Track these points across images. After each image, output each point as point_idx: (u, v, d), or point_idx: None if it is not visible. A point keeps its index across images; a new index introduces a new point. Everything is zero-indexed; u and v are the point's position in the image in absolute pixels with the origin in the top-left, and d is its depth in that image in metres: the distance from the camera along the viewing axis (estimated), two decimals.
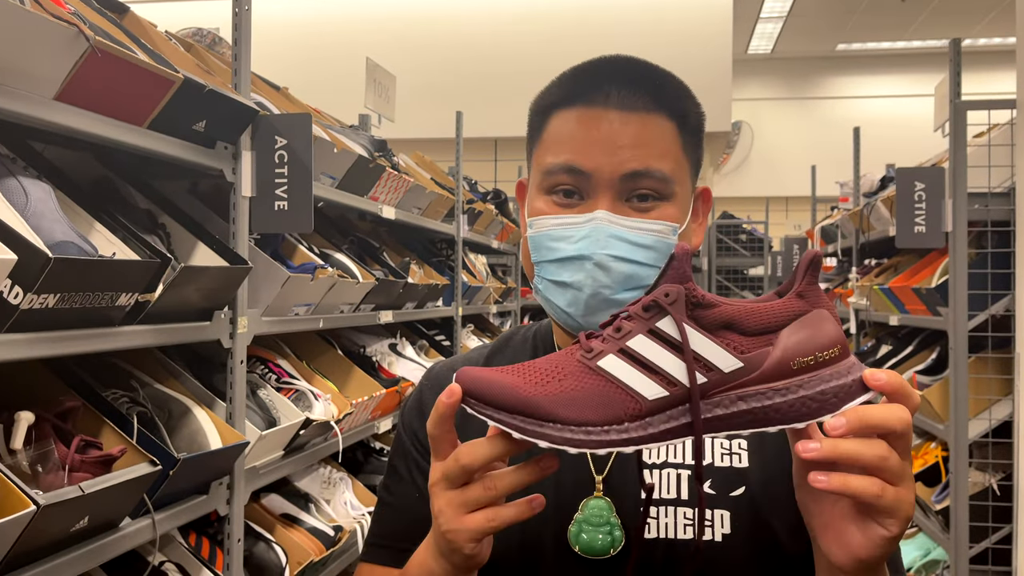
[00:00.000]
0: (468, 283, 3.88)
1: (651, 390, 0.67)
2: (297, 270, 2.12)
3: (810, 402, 0.66)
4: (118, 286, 1.39)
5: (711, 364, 0.67)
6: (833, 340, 0.68)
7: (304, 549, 2.13)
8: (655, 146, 0.87)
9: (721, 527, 0.86)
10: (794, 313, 0.69)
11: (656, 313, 0.68)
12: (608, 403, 0.67)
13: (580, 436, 0.66)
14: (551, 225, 0.88)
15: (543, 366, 0.70)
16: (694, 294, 0.68)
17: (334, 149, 2.26)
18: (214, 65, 2.12)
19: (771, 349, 0.67)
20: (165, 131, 1.59)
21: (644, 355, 0.68)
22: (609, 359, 0.68)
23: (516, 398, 0.67)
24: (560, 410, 0.66)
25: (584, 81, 0.89)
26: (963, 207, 2.79)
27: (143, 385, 1.74)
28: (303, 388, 2.25)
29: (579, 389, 0.68)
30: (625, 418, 0.66)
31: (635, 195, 0.87)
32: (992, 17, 8.90)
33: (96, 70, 1.35)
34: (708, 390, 0.67)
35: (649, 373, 0.67)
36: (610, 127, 0.86)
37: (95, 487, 1.35)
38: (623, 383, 0.67)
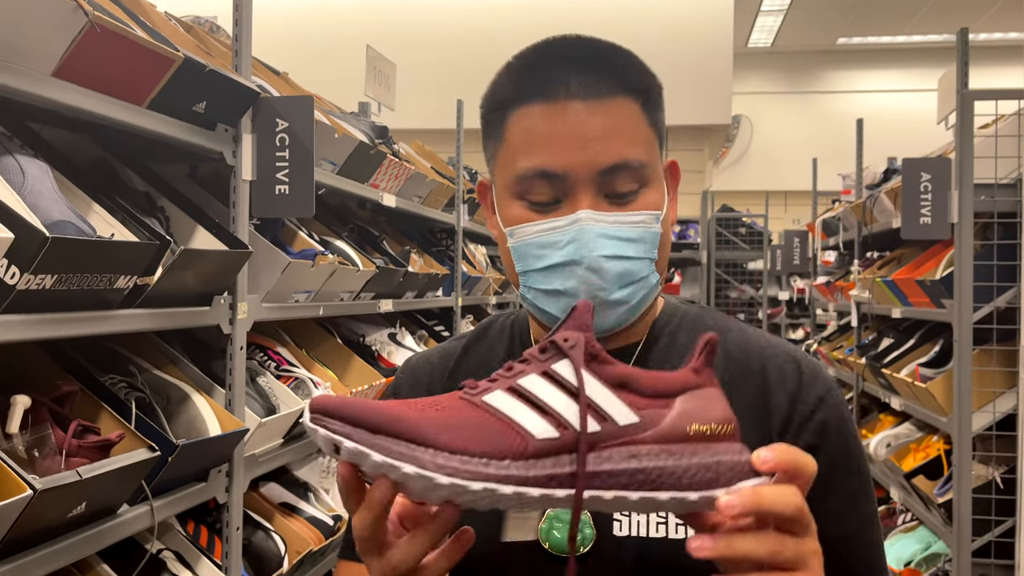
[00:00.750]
0: (468, 273, 3.86)
1: (540, 428, 0.62)
2: (297, 256, 2.09)
3: (705, 471, 0.63)
4: (117, 268, 1.36)
5: (606, 414, 0.63)
6: (728, 417, 0.66)
7: (303, 538, 2.11)
8: (626, 133, 0.83)
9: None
10: (691, 383, 0.67)
11: (553, 355, 0.65)
12: (491, 435, 0.61)
13: (455, 464, 0.59)
14: (534, 232, 0.84)
15: (420, 400, 0.64)
16: (593, 347, 0.65)
17: (335, 134, 2.23)
18: (214, 48, 2.09)
19: (668, 411, 0.65)
20: (165, 111, 1.57)
21: (536, 394, 0.63)
22: (497, 394, 0.64)
23: (382, 415, 0.60)
24: (435, 434, 0.60)
25: (539, 72, 0.84)
26: (969, 198, 2.77)
27: (141, 370, 1.72)
28: (303, 376, 2.23)
29: (460, 418, 0.62)
30: (508, 454, 0.61)
31: (615, 193, 0.83)
32: (993, 12, 8.88)
33: (95, 47, 1.32)
34: (600, 442, 0.63)
35: (539, 412, 0.63)
36: (576, 120, 0.82)
37: (93, 472, 1.32)
38: (509, 418, 0.62)
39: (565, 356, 0.65)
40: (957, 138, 2.82)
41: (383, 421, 0.59)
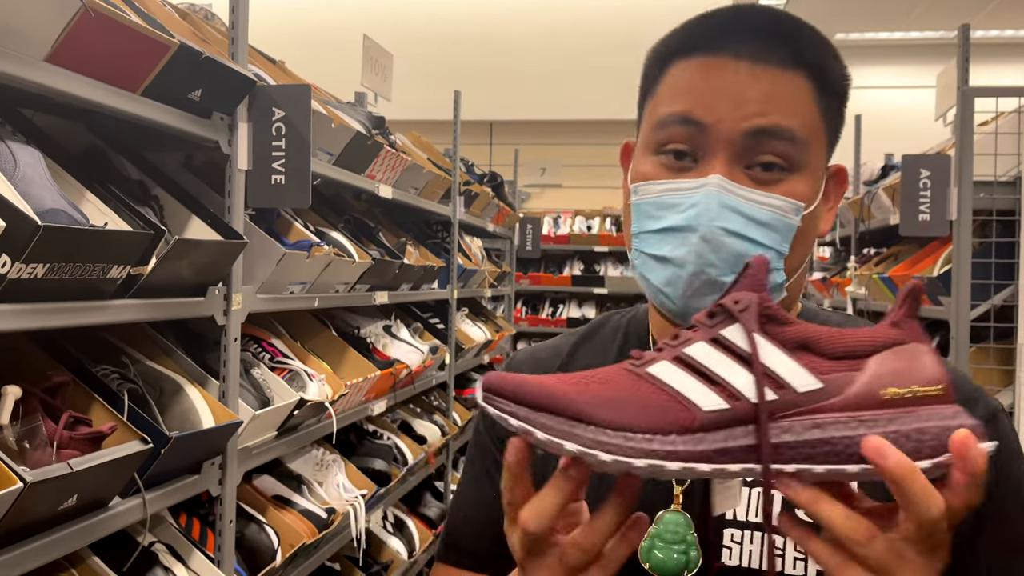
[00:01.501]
0: (464, 266, 3.84)
1: (708, 400, 0.57)
2: (293, 247, 2.07)
3: (904, 440, 0.55)
4: (110, 257, 1.34)
5: (783, 381, 0.57)
6: (936, 377, 0.58)
7: (296, 531, 2.09)
8: (787, 104, 0.75)
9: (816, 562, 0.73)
10: (886, 342, 0.59)
11: (722, 320, 0.60)
12: (654, 410, 0.57)
13: (617, 441, 0.56)
14: (658, 191, 0.77)
15: (580, 373, 0.61)
16: (768, 307, 0.59)
17: (332, 124, 2.21)
18: (210, 35, 2.07)
19: (858, 374, 0.58)
20: (159, 99, 1.54)
21: (704, 363, 0.59)
22: (661, 366, 0.60)
23: (543, 393, 0.58)
24: (596, 410, 0.57)
25: (711, 28, 0.78)
26: (968, 196, 2.76)
27: (134, 361, 1.70)
28: (297, 368, 2.21)
29: (622, 392, 0.58)
30: (674, 429, 0.57)
31: (758, 163, 0.75)
32: (991, 9, 8.87)
33: (89, 32, 1.30)
34: (776, 411, 0.57)
35: (707, 383, 0.58)
36: (736, 78, 0.75)
37: (84, 464, 1.30)
38: (675, 390, 0.58)
39: (736, 320, 0.60)
40: (957, 135, 2.81)
41: (544, 399, 0.58)
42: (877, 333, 0.59)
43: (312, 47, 6.83)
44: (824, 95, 0.78)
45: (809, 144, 0.77)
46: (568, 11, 7.26)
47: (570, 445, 0.56)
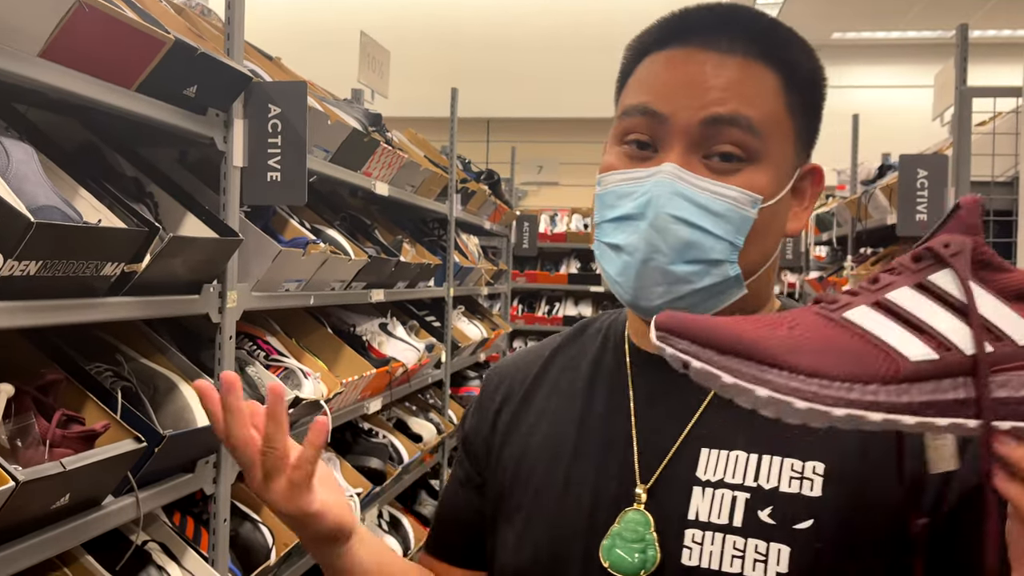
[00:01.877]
0: (460, 264, 3.83)
1: (916, 350, 0.52)
2: (288, 245, 2.06)
3: None
4: (104, 255, 1.33)
5: (1001, 332, 0.52)
6: None
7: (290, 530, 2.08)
8: (748, 93, 0.75)
9: (776, 564, 0.72)
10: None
11: (930, 265, 0.54)
12: (854, 357, 0.52)
13: (813, 388, 0.51)
14: (617, 180, 0.78)
15: (771, 316, 0.56)
16: (984, 251, 0.54)
17: (328, 121, 2.20)
18: (206, 31, 2.05)
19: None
20: (154, 95, 1.53)
21: (909, 310, 0.53)
22: (860, 311, 0.54)
23: (731, 334, 0.53)
24: (789, 355, 0.52)
25: (685, 22, 0.79)
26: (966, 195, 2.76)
27: (128, 359, 1.69)
28: (292, 366, 2.20)
29: (816, 336, 0.53)
30: (875, 379, 0.52)
31: (716, 152, 0.75)
32: (988, 9, 8.88)
33: (83, 27, 1.29)
34: (992, 364, 0.52)
35: (914, 331, 0.53)
36: (700, 68, 0.75)
37: (77, 463, 1.29)
38: (877, 337, 0.53)
39: (946, 265, 0.54)
40: (955, 135, 2.80)
41: (732, 340, 0.53)
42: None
43: (309, 44, 6.81)
44: (793, 90, 0.78)
45: (770, 136, 0.76)
46: (566, 9, 7.26)
47: (762, 391, 0.52)
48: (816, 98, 0.80)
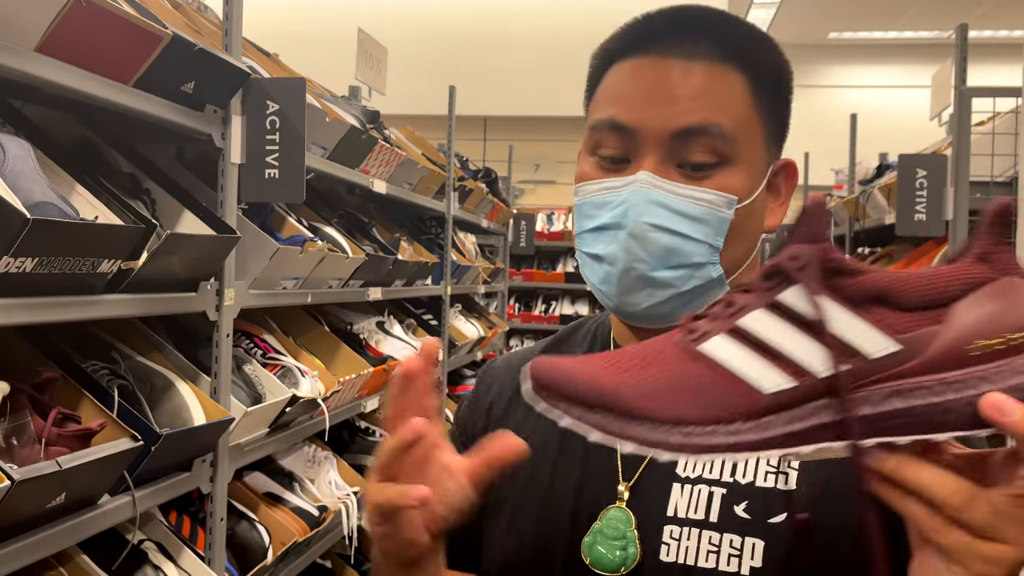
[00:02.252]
0: (457, 262, 3.83)
1: (771, 380, 0.52)
2: (286, 242, 2.05)
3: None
4: (100, 252, 1.32)
5: (854, 348, 0.51)
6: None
7: (288, 529, 2.08)
8: (715, 99, 0.75)
9: (751, 559, 0.72)
10: (973, 282, 0.50)
11: (780, 283, 0.53)
12: (713, 396, 0.52)
13: (677, 438, 0.52)
14: (593, 191, 0.78)
15: (633, 351, 0.56)
16: (831, 258, 0.52)
17: (326, 118, 2.19)
18: (203, 26, 2.04)
19: (939, 328, 0.50)
20: (151, 90, 1.52)
21: (763, 336, 0.52)
22: (716, 341, 0.53)
23: (594, 389, 0.53)
24: (650, 403, 0.52)
25: (645, 29, 0.79)
26: (965, 195, 2.76)
27: (125, 357, 1.67)
28: (289, 364, 2.19)
29: (675, 378, 0.53)
30: (737, 416, 0.52)
31: (689, 161, 0.75)
32: (985, 10, 8.88)
33: (80, 21, 1.27)
34: (851, 381, 0.51)
35: (769, 358, 0.52)
36: (664, 77, 0.75)
37: (73, 462, 1.28)
38: (733, 371, 0.52)
39: (795, 281, 0.52)
40: (954, 135, 2.80)
41: (595, 394, 0.53)
42: (961, 272, 0.51)
43: (306, 40, 6.79)
44: (759, 89, 0.78)
45: (741, 138, 0.76)
46: (564, 8, 7.25)
47: (628, 445, 0.53)
48: (784, 93, 0.81)
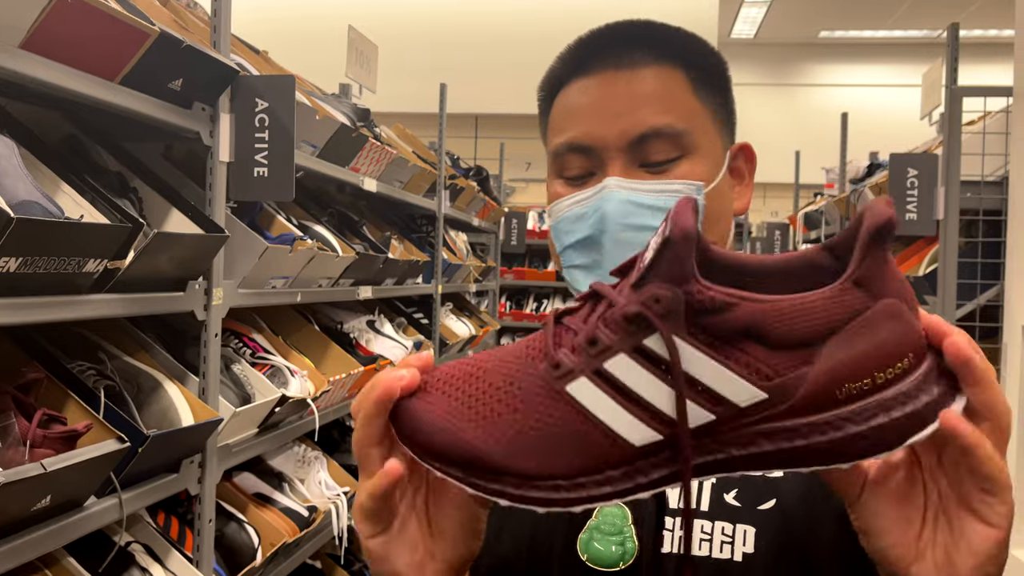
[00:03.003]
0: (448, 260, 3.81)
1: (639, 433, 0.50)
2: (275, 241, 2.03)
3: (861, 441, 0.49)
4: (86, 251, 1.30)
5: (720, 397, 0.49)
6: (901, 349, 0.49)
7: (277, 530, 2.06)
8: (659, 100, 0.78)
9: (743, 545, 0.74)
10: (847, 313, 0.49)
11: (643, 327, 0.50)
12: (582, 446, 0.51)
13: (546, 494, 0.51)
14: (566, 207, 0.81)
15: (496, 383, 0.53)
16: (698, 299, 0.49)
17: (316, 116, 2.17)
18: (192, 23, 2.02)
19: (808, 371, 0.49)
20: (138, 88, 1.50)
21: (628, 383, 0.50)
22: (582, 384, 0.51)
23: (461, 448, 0.52)
24: (517, 461, 0.51)
25: (580, 50, 0.83)
26: (955, 195, 2.76)
27: (111, 357, 1.66)
28: (279, 364, 2.17)
29: (542, 426, 0.51)
30: (606, 466, 0.51)
31: (650, 161, 0.78)
32: (974, 9, 8.92)
33: (65, 18, 1.26)
34: (716, 428, 0.50)
35: (636, 407, 0.50)
36: (610, 91, 0.79)
37: (58, 465, 1.27)
38: (601, 422, 0.51)
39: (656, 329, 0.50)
40: (945, 134, 2.80)
41: (462, 455, 0.52)
42: (834, 303, 0.49)
43: (296, 38, 6.76)
44: (698, 80, 0.81)
45: (694, 129, 0.79)
46: (555, 5, 7.23)
47: (503, 501, 0.52)
48: (723, 83, 0.84)
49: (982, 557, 0.53)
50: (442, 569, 0.61)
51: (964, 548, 0.53)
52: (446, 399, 0.54)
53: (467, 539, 0.61)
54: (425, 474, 0.61)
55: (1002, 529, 0.53)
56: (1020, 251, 2.67)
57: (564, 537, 0.79)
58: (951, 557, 0.54)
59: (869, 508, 0.56)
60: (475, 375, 0.54)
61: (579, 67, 0.82)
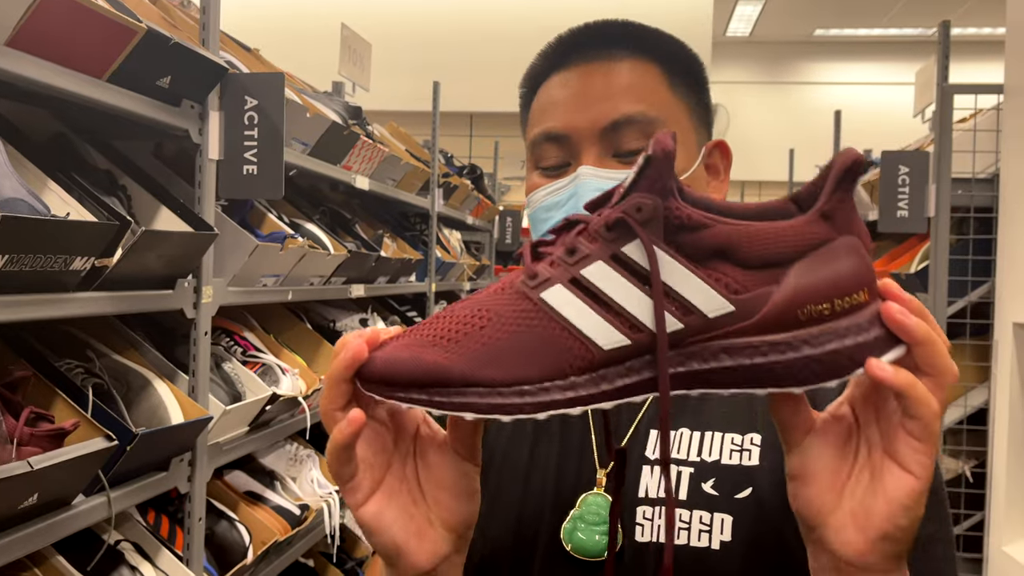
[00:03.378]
0: (442, 259, 3.81)
1: (608, 336, 0.52)
2: (266, 239, 2.03)
3: (815, 364, 0.52)
4: (72, 249, 1.30)
5: (691, 306, 0.52)
6: (858, 282, 0.52)
7: (268, 528, 2.06)
8: (633, 90, 0.81)
9: (720, 533, 0.75)
10: (813, 241, 0.52)
11: (623, 234, 0.52)
12: (549, 351, 0.52)
13: (512, 400, 0.52)
14: (542, 196, 0.83)
15: (461, 315, 0.55)
16: (676, 214, 0.51)
17: (307, 114, 2.17)
18: (182, 21, 2.02)
19: (774, 290, 0.51)
20: (126, 85, 1.49)
21: (603, 289, 0.52)
22: (556, 291, 0.53)
23: (422, 369, 0.53)
24: (483, 370, 0.52)
25: (563, 46, 0.86)
26: (946, 192, 2.77)
27: (100, 356, 1.65)
28: (270, 362, 2.17)
29: (508, 336, 0.53)
30: (571, 371, 0.52)
31: (624, 150, 0.81)
32: (969, 7, 8.93)
33: (51, 16, 1.25)
34: (685, 338, 0.52)
35: (607, 313, 0.52)
36: (587, 81, 0.82)
37: (45, 463, 1.26)
38: (571, 325, 0.52)
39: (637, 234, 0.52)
40: (936, 132, 2.81)
41: (424, 375, 0.53)
42: (805, 229, 0.52)
43: (291, 36, 6.75)
44: (674, 76, 0.83)
45: (666, 121, 0.81)
46: (550, 3, 7.23)
47: (468, 415, 0.53)
48: (699, 80, 0.86)
49: (896, 505, 0.54)
50: (442, 534, 0.61)
51: (881, 495, 0.55)
52: (409, 338, 0.55)
53: (462, 500, 0.62)
54: (411, 441, 0.62)
55: (921, 479, 0.54)
56: (1011, 248, 2.67)
57: (550, 527, 0.80)
58: (867, 505, 0.55)
59: (808, 453, 0.58)
60: (441, 315, 0.56)
61: (559, 62, 0.85)
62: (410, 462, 0.62)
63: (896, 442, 0.55)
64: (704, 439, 0.79)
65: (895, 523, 0.54)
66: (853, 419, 0.58)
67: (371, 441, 0.60)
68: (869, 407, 0.57)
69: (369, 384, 0.55)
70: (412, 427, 0.63)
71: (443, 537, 0.61)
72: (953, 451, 2.92)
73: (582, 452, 0.82)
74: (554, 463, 0.82)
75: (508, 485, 0.83)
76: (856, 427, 0.58)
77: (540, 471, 0.82)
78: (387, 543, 0.60)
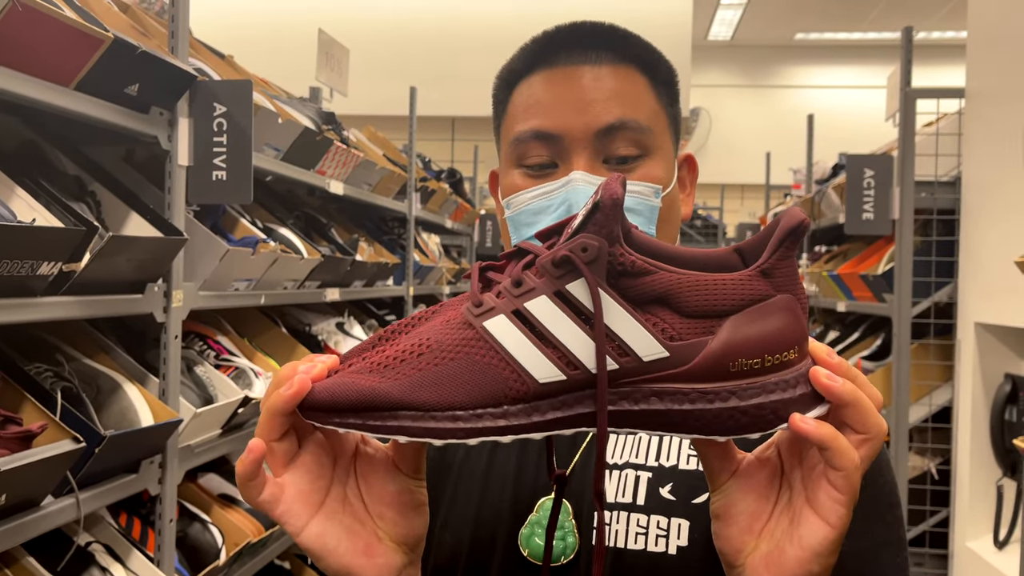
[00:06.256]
0: (420, 262, 3.84)
1: (544, 370, 0.54)
2: (238, 244, 2.06)
3: (740, 416, 0.53)
4: (39, 254, 1.32)
5: (628, 348, 0.53)
6: (790, 340, 0.54)
7: (241, 529, 2.08)
8: (628, 97, 0.80)
9: (677, 538, 0.75)
10: (752, 296, 0.53)
11: (568, 272, 0.54)
12: (485, 379, 0.54)
13: (445, 424, 0.53)
14: (528, 199, 0.81)
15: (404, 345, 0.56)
16: (620, 260, 0.53)
17: (279, 120, 2.19)
18: (152, 28, 2.04)
19: (709, 340, 0.53)
20: (95, 93, 1.52)
21: (544, 323, 0.54)
22: (499, 321, 0.55)
23: (356, 393, 0.54)
24: (418, 394, 0.54)
25: (546, 45, 0.84)
26: (910, 195, 2.82)
27: (70, 359, 1.68)
28: (243, 366, 2.19)
29: (446, 362, 0.54)
30: (506, 400, 0.54)
31: (614, 156, 0.80)
32: (946, 12, 9.04)
33: (16, 25, 1.28)
34: (619, 378, 0.54)
35: (546, 347, 0.54)
36: (577, 83, 0.80)
37: (11, 464, 1.29)
38: (510, 355, 0.54)
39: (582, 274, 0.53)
40: (900, 136, 2.86)
41: (360, 399, 0.54)
42: (742, 284, 0.54)
43: (267, 42, 6.76)
44: (658, 86, 0.84)
45: (656, 130, 0.82)
46: (531, 7, 7.27)
47: (402, 438, 0.54)
48: (675, 92, 0.87)
49: (809, 552, 0.55)
50: (393, 547, 0.62)
51: (797, 541, 0.56)
52: (348, 368, 0.57)
53: (408, 514, 0.62)
54: (350, 461, 0.62)
55: (836, 529, 0.55)
56: (973, 250, 2.73)
57: (507, 532, 0.79)
58: (783, 549, 0.56)
59: (730, 495, 0.59)
60: (383, 348, 0.57)
61: (542, 60, 0.83)
62: (352, 482, 0.62)
63: (817, 491, 0.56)
64: (662, 444, 0.79)
65: (807, 569, 0.55)
66: (779, 462, 0.59)
67: (309, 467, 0.60)
68: (794, 453, 0.59)
69: (307, 412, 0.56)
70: (351, 448, 0.63)
71: (394, 550, 0.62)
72: (919, 449, 2.97)
73: (540, 458, 0.81)
74: (513, 469, 0.82)
75: (467, 490, 0.83)
76: (780, 471, 0.59)
77: (499, 477, 0.82)
78: (334, 565, 0.60)
